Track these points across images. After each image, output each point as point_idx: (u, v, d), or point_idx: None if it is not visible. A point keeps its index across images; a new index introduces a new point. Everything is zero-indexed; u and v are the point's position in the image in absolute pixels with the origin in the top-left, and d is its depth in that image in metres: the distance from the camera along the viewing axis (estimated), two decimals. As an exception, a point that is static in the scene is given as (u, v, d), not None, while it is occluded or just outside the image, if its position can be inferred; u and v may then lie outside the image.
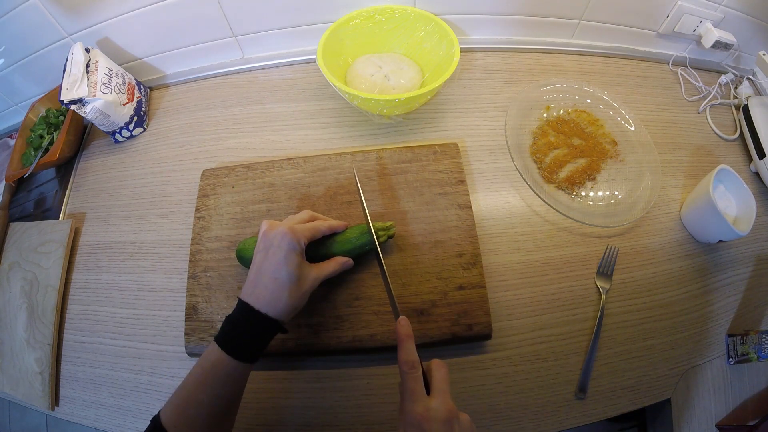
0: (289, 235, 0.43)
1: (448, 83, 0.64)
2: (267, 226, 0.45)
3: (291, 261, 0.42)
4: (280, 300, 0.41)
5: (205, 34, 0.72)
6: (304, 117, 0.70)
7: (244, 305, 0.41)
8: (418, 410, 0.35)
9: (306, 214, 0.49)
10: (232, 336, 0.40)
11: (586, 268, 0.57)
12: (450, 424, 0.35)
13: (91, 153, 0.73)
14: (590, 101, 0.69)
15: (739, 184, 0.58)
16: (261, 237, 0.45)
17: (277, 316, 0.41)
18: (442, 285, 0.52)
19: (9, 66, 0.72)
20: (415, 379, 0.37)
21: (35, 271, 0.61)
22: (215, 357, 0.40)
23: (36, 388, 0.54)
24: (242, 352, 0.40)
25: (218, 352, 0.40)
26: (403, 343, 0.39)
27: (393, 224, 0.53)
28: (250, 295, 0.42)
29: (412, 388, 0.36)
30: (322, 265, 0.47)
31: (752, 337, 0.54)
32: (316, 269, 0.46)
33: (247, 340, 0.41)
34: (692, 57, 0.76)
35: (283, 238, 0.42)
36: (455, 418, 0.35)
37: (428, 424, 0.34)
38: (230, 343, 0.40)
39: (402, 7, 0.68)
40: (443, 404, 0.35)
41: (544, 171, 0.63)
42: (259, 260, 0.43)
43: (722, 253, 0.60)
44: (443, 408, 0.35)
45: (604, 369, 0.52)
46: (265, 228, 0.45)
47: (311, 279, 0.44)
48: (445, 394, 0.36)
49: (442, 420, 0.34)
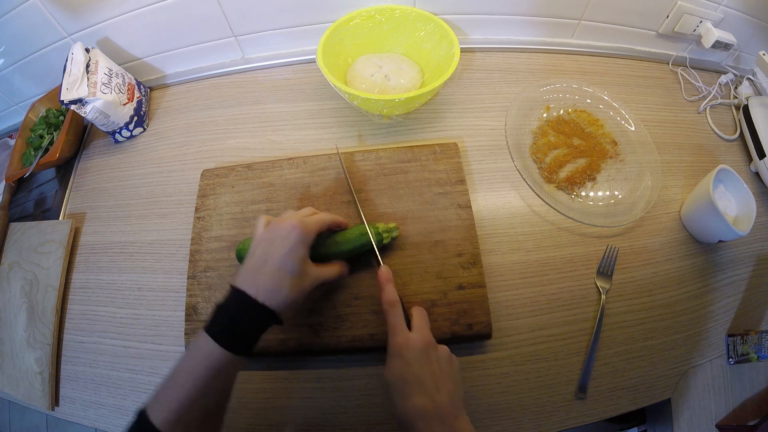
0: (299, 227, 0.42)
1: (448, 83, 0.64)
2: (266, 219, 0.45)
3: (298, 253, 0.41)
4: (281, 291, 0.40)
5: (205, 34, 0.72)
6: (304, 117, 0.70)
7: (240, 294, 0.39)
8: (399, 341, 0.41)
9: (309, 210, 0.48)
10: (226, 327, 0.38)
11: (586, 268, 0.57)
12: (426, 352, 0.40)
13: (91, 153, 0.73)
14: (590, 101, 0.69)
15: (739, 184, 0.58)
16: (269, 227, 0.43)
17: (276, 307, 0.39)
18: (442, 284, 0.52)
19: (9, 66, 0.72)
20: (395, 315, 0.42)
21: (35, 271, 0.61)
22: (207, 350, 0.37)
23: (36, 388, 0.54)
24: (237, 344, 0.38)
25: (211, 345, 0.37)
26: (384, 286, 0.44)
27: (396, 227, 0.53)
28: (248, 283, 0.40)
29: (393, 323, 0.42)
30: (323, 267, 0.46)
31: (752, 337, 0.54)
32: (318, 269, 0.45)
33: (242, 331, 0.38)
34: (692, 57, 0.76)
35: (292, 229, 0.42)
36: (432, 347, 0.41)
37: (408, 352, 0.40)
38: (224, 335, 0.37)
39: (402, 7, 0.68)
40: (420, 335, 0.41)
41: (544, 171, 0.63)
42: (263, 249, 0.41)
43: (722, 253, 0.60)
44: (420, 338, 0.41)
45: (604, 369, 0.52)
46: (266, 220, 0.44)
47: (312, 277, 0.43)
48: (423, 329, 0.42)
49: (419, 348, 0.40)
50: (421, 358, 0.40)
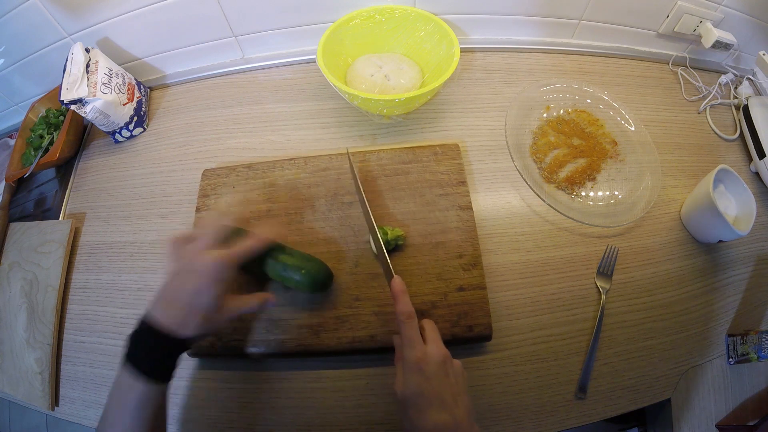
0: (217, 265, 0.40)
1: (448, 83, 0.64)
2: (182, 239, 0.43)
3: (211, 292, 0.40)
4: (191, 324, 0.39)
5: (205, 34, 0.72)
6: (304, 117, 0.70)
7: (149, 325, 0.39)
8: (416, 355, 0.40)
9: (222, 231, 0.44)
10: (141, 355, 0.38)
11: (586, 268, 0.57)
12: (444, 366, 0.40)
13: (91, 153, 0.73)
14: (590, 101, 0.69)
15: (739, 184, 0.58)
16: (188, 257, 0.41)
17: (185, 337, 0.39)
18: (443, 286, 0.52)
19: (9, 66, 0.72)
20: (412, 327, 0.41)
21: (35, 271, 0.61)
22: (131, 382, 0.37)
23: (36, 388, 0.54)
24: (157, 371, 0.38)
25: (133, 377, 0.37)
26: (398, 297, 0.43)
27: (403, 235, 0.53)
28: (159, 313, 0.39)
29: (410, 335, 0.41)
30: (244, 299, 0.44)
31: (752, 337, 0.54)
32: (236, 301, 0.43)
33: (157, 358, 0.38)
34: (692, 57, 0.76)
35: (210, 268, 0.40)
36: (449, 361, 0.41)
37: (426, 366, 0.39)
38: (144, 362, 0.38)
39: (402, 7, 0.68)
40: (437, 349, 0.41)
41: (544, 171, 0.63)
42: (179, 282, 0.40)
43: (722, 253, 0.60)
44: (437, 352, 0.40)
45: (604, 369, 0.52)
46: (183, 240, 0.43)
47: (229, 311, 0.42)
48: (438, 342, 0.42)
49: (437, 362, 0.40)
50: (440, 372, 0.39)
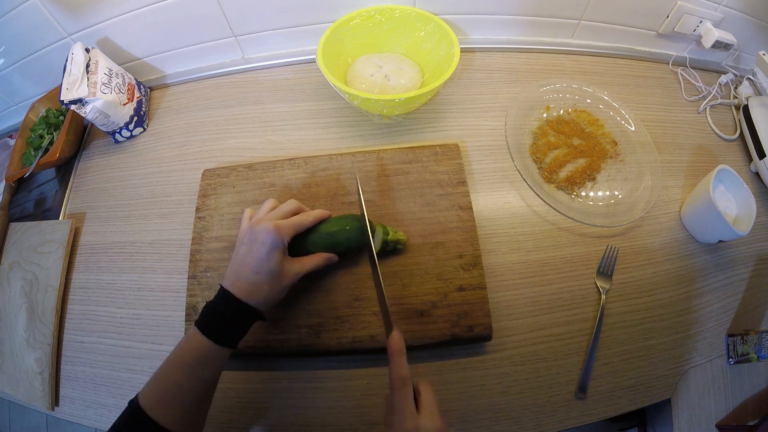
0: (273, 233, 0.43)
1: (448, 83, 0.64)
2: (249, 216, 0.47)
3: (273, 258, 0.43)
4: (260, 293, 0.43)
5: (205, 34, 0.72)
6: (304, 117, 0.70)
7: (225, 293, 0.42)
8: (408, 428, 0.35)
9: (291, 205, 0.49)
10: (213, 321, 0.41)
11: (586, 268, 0.57)
12: None
13: (91, 153, 0.73)
14: (590, 101, 0.69)
15: (739, 184, 0.58)
16: (247, 230, 0.45)
17: (257, 305, 0.43)
18: (443, 286, 0.52)
19: (9, 66, 0.72)
20: (405, 396, 0.37)
21: (35, 271, 0.61)
22: (196, 341, 0.41)
23: (36, 388, 0.54)
24: (223, 337, 0.41)
25: (199, 337, 0.40)
26: (395, 358, 0.38)
27: (405, 239, 0.53)
28: (231, 285, 0.43)
29: (402, 405, 0.36)
30: (304, 260, 0.47)
31: (752, 337, 0.54)
32: (298, 264, 0.46)
33: (228, 326, 0.42)
34: (692, 57, 0.76)
35: (267, 235, 0.43)
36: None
37: None
38: (212, 329, 0.41)
39: (402, 7, 0.68)
40: (432, 422, 0.36)
41: (544, 171, 0.63)
42: (243, 253, 0.44)
43: (722, 253, 0.60)
44: (432, 426, 0.36)
45: (604, 369, 0.52)
46: (249, 221, 0.46)
47: (292, 275, 0.45)
48: (433, 412, 0.37)
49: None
50: None
